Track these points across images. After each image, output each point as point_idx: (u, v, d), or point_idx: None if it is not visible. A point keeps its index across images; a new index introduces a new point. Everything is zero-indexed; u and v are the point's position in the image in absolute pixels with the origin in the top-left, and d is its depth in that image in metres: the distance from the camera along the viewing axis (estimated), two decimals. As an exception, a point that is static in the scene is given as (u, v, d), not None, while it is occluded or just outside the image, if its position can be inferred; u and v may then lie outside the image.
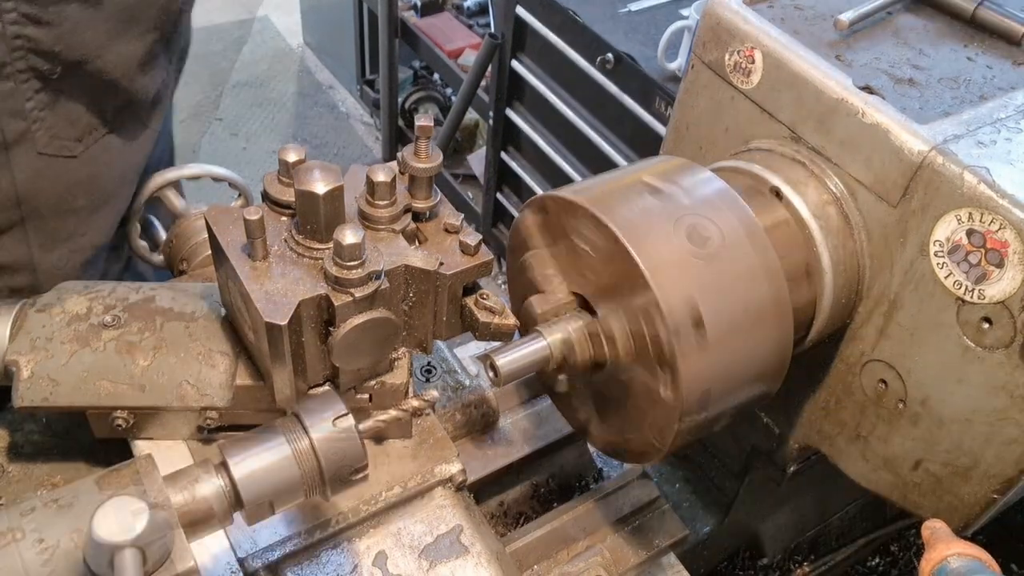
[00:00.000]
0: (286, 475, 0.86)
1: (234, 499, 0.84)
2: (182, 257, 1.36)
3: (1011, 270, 0.94)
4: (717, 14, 1.18)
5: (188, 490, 0.83)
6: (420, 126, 1.01)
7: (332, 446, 0.86)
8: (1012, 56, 1.17)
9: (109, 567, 0.70)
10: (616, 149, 3.06)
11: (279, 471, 0.85)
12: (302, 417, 0.87)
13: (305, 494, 0.88)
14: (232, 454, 0.85)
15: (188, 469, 0.85)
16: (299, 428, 0.87)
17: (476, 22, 4.30)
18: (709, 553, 1.67)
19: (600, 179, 1.08)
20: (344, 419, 0.87)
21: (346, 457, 0.87)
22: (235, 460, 0.85)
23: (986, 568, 0.87)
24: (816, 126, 1.10)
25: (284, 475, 0.86)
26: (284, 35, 5.77)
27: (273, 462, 0.85)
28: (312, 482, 0.87)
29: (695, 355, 0.94)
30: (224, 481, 0.84)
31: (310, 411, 0.88)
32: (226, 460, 0.85)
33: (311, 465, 0.86)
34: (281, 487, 0.86)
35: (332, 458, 0.86)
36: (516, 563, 1.23)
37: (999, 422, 1.01)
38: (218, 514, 0.84)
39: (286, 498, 0.87)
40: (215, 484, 0.84)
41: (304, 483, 0.87)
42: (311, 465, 0.86)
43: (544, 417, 1.41)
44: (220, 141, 4.92)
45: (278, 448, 0.86)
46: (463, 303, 1.04)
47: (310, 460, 0.86)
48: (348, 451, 0.87)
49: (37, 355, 1.04)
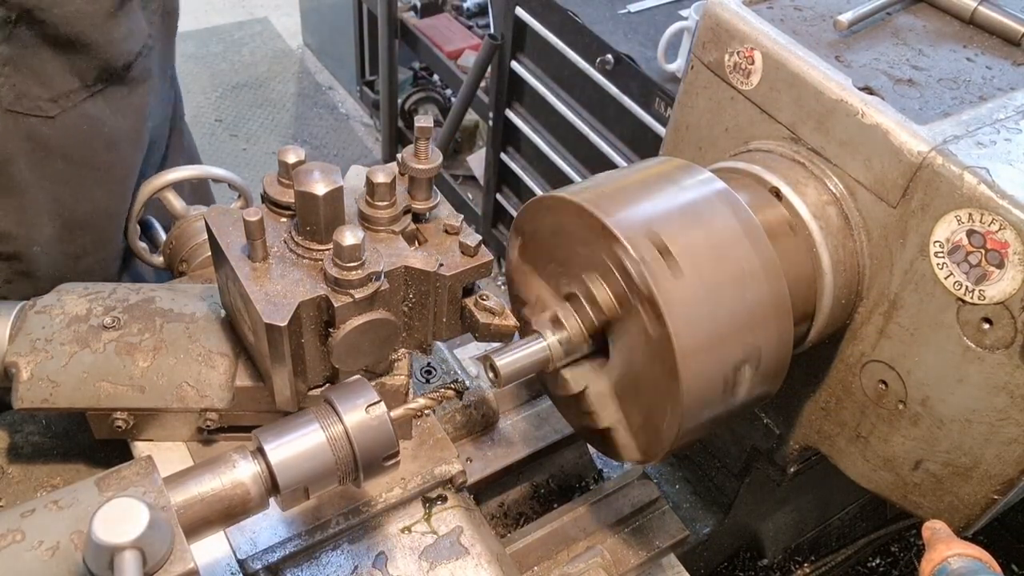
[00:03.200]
0: (321, 461, 0.87)
1: (271, 484, 0.85)
2: (182, 258, 1.36)
3: (1011, 270, 0.94)
4: (716, 15, 1.18)
5: (226, 475, 0.84)
6: (420, 127, 1.01)
7: (365, 432, 0.87)
8: (1012, 56, 1.17)
9: (109, 568, 0.70)
10: (616, 150, 3.06)
11: (314, 457, 0.86)
12: (335, 404, 0.88)
13: (339, 480, 0.89)
14: (268, 440, 0.86)
15: (224, 455, 0.86)
16: (333, 415, 0.88)
17: (476, 23, 4.31)
18: (709, 554, 1.67)
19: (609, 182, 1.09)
20: (376, 406, 0.88)
21: (379, 443, 0.88)
22: (271, 446, 0.85)
23: (987, 568, 0.87)
24: (816, 127, 1.10)
25: (319, 461, 0.86)
26: (284, 36, 5.78)
27: (308, 448, 0.86)
28: (346, 468, 0.88)
29: (670, 282, 0.94)
30: (261, 467, 0.85)
31: (343, 398, 0.89)
32: (262, 446, 0.86)
33: (345, 451, 0.87)
34: (316, 472, 0.87)
35: (365, 444, 0.87)
36: (516, 564, 1.23)
37: (999, 422, 1.01)
38: (255, 499, 0.85)
39: (321, 484, 0.88)
40: (252, 469, 0.85)
41: (338, 469, 0.88)
42: (345, 451, 0.87)
43: (544, 418, 1.41)
44: (220, 142, 4.92)
45: (313, 434, 0.87)
46: (463, 304, 1.04)
47: (344, 446, 0.87)
48: (381, 437, 0.88)
49: (37, 356, 1.04)
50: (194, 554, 0.77)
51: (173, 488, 0.82)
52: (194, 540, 0.83)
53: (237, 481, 0.84)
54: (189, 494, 0.82)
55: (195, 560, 0.76)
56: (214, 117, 5.08)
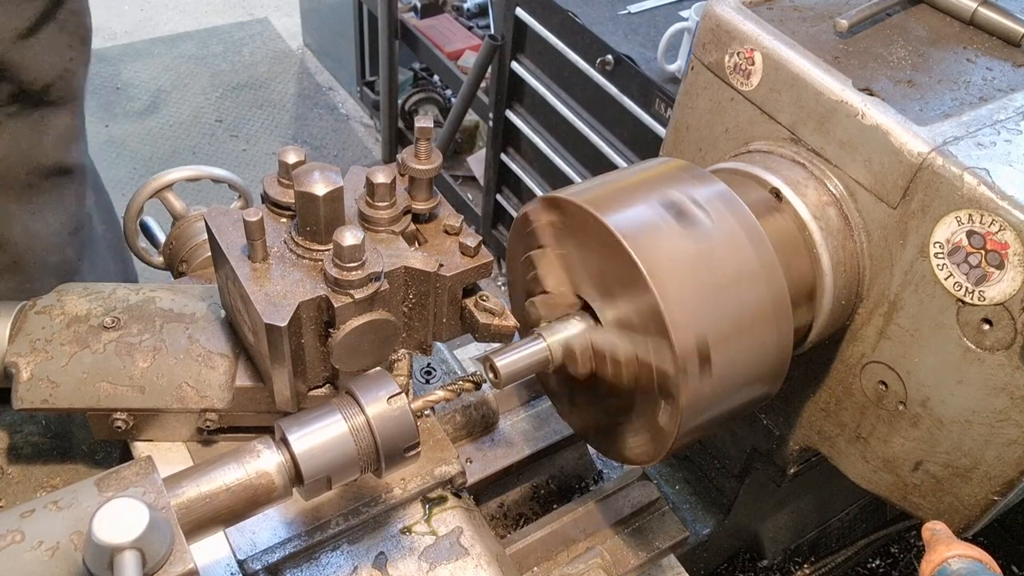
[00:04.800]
0: (343, 451, 0.87)
1: (294, 474, 0.86)
2: (182, 258, 1.36)
3: (1011, 271, 0.94)
4: (717, 16, 1.18)
5: (250, 464, 0.84)
6: (420, 128, 1.01)
7: (387, 423, 0.88)
8: (1012, 58, 1.17)
9: (109, 569, 0.70)
10: (615, 150, 3.06)
11: (337, 447, 0.87)
12: (357, 395, 0.89)
13: (361, 470, 0.89)
14: (292, 430, 0.86)
15: (248, 445, 0.86)
16: (355, 406, 0.89)
17: (476, 23, 4.31)
18: (709, 555, 1.67)
19: (611, 183, 1.07)
20: (398, 398, 0.89)
21: (400, 434, 0.89)
22: (295, 436, 0.86)
23: (986, 569, 0.86)
24: (816, 127, 1.10)
25: (341, 451, 0.87)
26: (284, 37, 5.78)
27: (331, 438, 0.87)
28: (368, 458, 0.89)
29: (698, 388, 0.95)
30: (285, 456, 0.86)
31: (364, 389, 0.89)
32: (286, 436, 0.86)
33: (367, 441, 0.88)
34: (338, 463, 0.87)
35: (387, 435, 0.88)
36: (516, 565, 1.23)
37: (999, 423, 1.01)
38: (279, 488, 0.85)
39: (343, 474, 0.88)
40: (277, 459, 0.85)
41: (360, 459, 0.88)
42: (367, 441, 0.88)
43: (544, 419, 1.41)
44: (220, 142, 4.93)
45: (335, 425, 0.87)
46: (463, 304, 1.04)
47: (366, 436, 0.88)
48: (402, 428, 0.89)
49: (37, 357, 1.04)
50: (194, 555, 0.77)
51: (198, 478, 0.83)
52: (220, 529, 0.84)
53: (262, 471, 0.84)
54: (215, 484, 0.83)
55: (195, 560, 0.76)
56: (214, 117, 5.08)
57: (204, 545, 0.97)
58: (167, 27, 5.69)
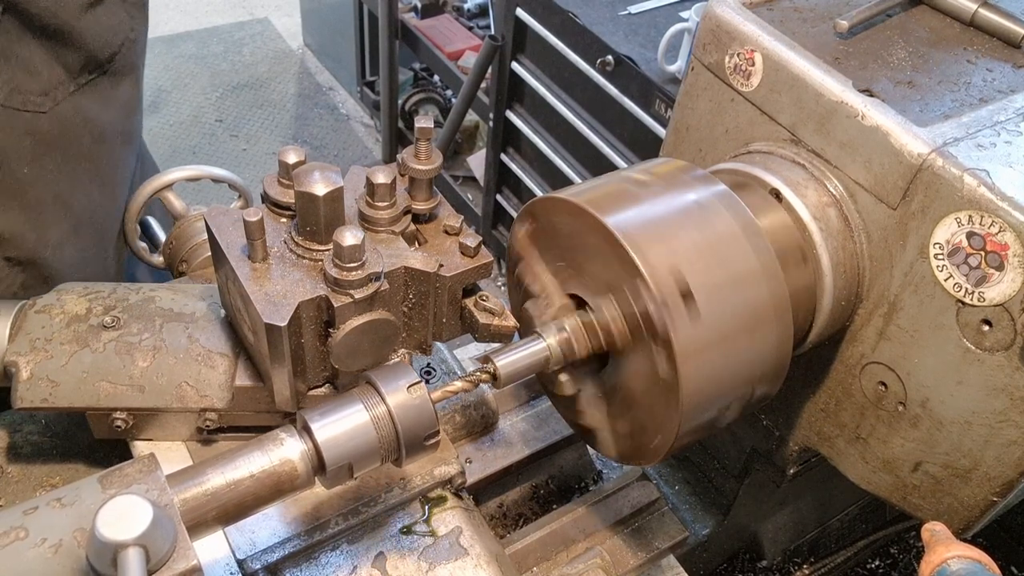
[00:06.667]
0: (365, 440, 0.88)
1: (317, 462, 0.86)
2: (182, 258, 1.36)
3: (1011, 272, 0.94)
4: (717, 16, 1.18)
5: (274, 452, 0.85)
6: (420, 128, 1.01)
7: (408, 412, 0.89)
8: (1012, 59, 1.17)
9: (113, 565, 0.70)
10: (616, 151, 3.06)
11: (358, 435, 0.88)
12: (378, 384, 0.89)
13: (381, 459, 0.90)
14: (314, 419, 0.87)
15: (271, 434, 0.87)
16: (376, 395, 0.89)
17: (476, 24, 4.31)
18: (709, 555, 1.67)
19: (590, 180, 1.10)
20: (418, 386, 0.90)
21: (420, 423, 0.89)
22: (317, 424, 0.86)
23: (986, 570, 0.87)
24: (816, 128, 1.10)
25: (363, 440, 0.88)
26: (284, 37, 5.78)
27: (353, 427, 0.88)
28: (389, 447, 0.89)
29: (688, 328, 0.94)
30: (308, 445, 0.86)
31: (385, 379, 0.90)
32: (308, 424, 0.86)
33: (388, 430, 0.88)
34: (360, 451, 0.88)
35: (408, 424, 0.89)
36: (516, 565, 1.23)
37: (999, 424, 1.01)
38: (302, 476, 0.86)
39: (365, 462, 0.89)
40: (300, 447, 0.86)
41: (381, 447, 0.89)
42: (388, 430, 0.88)
43: (543, 419, 1.41)
44: (220, 142, 4.93)
45: (357, 414, 0.88)
46: (463, 305, 1.04)
47: (387, 425, 0.88)
48: (422, 417, 0.90)
49: (37, 356, 1.04)
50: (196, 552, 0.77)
51: (222, 467, 0.83)
52: (244, 517, 0.85)
53: (285, 458, 0.85)
54: (239, 472, 0.83)
55: (198, 557, 0.76)
56: (215, 117, 5.08)
57: (204, 544, 0.97)
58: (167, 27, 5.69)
